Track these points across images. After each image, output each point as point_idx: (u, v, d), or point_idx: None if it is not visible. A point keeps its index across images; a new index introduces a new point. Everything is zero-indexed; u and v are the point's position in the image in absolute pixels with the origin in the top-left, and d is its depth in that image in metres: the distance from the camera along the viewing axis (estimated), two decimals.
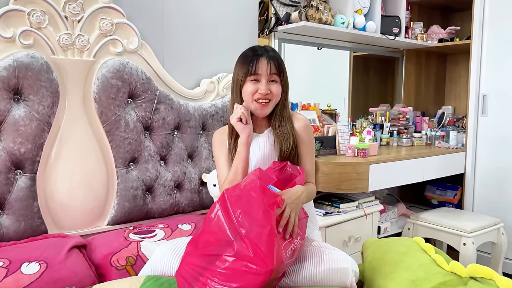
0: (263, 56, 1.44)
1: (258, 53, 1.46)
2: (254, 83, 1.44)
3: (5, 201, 1.52)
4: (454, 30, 3.35)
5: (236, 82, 1.49)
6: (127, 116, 1.76)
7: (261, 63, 1.43)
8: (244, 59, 1.48)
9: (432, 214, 2.79)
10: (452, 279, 1.30)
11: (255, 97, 1.45)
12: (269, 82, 1.45)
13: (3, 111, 1.49)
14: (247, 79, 1.45)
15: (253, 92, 1.44)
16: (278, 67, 1.45)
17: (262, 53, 1.46)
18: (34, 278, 1.27)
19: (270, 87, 1.45)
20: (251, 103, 1.46)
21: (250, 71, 1.43)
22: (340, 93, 3.25)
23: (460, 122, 3.34)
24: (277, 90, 1.46)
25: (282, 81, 1.48)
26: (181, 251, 1.31)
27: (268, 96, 1.44)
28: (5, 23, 1.50)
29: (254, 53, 1.46)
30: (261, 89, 1.43)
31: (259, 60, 1.44)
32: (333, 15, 2.60)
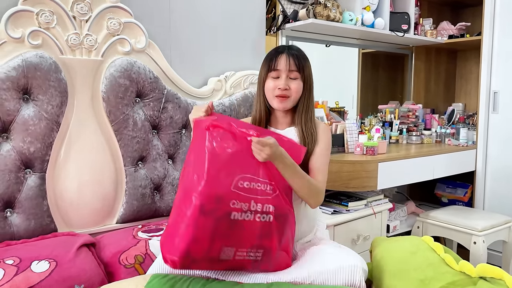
0: (283, 53, 1.47)
1: (279, 50, 1.50)
2: (275, 80, 1.47)
3: (15, 200, 1.54)
4: (465, 26, 3.32)
5: (259, 80, 1.54)
6: (135, 115, 1.77)
7: (280, 59, 1.47)
8: (266, 57, 1.52)
9: (442, 213, 2.77)
10: (461, 278, 1.29)
11: (275, 93, 1.47)
12: (289, 78, 1.47)
13: (13, 110, 1.51)
14: (268, 75, 1.49)
15: (274, 88, 1.47)
16: (298, 64, 1.47)
17: (283, 50, 1.49)
18: (44, 276, 1.28)
19: (289, 83, 1.46)
20: (273, 99, 1.49)
21: (270, 67, 1.48)
22: (349, 90, 3.23)
23: (471, 119, 3.30)
24: (296, 86, 1.47)
25: (303, 78, 1.49)
26: None
27: (286, 92, 1.46)
28: (14, 24, 1.51)
29: (276, 51, 1.51)
30: (280, 84, 1.46)
31: (279, 56, 1.47)
32: (341, 12, 2.59)
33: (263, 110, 1.54)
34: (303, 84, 1.49)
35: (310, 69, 1.52)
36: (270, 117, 1.57)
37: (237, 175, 1.21)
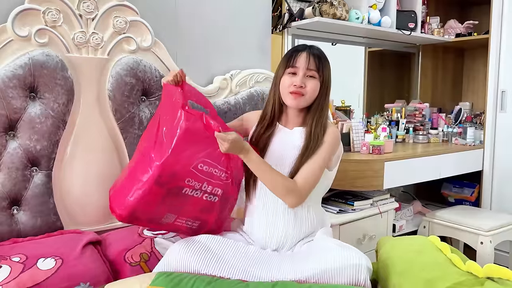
0: (304, 51, 1.47)
1: (299, 48, 1.49)
2: (291, 76, 1.47)
3: (21, 198, 1.54)
4: (472, 24, 3.29)
5: (276, 77, 1.53)
6: (141, 113, 1.77)
7: (300, 57, 1.46)
8: (286, 54, 1.52)
9: (449, 212, 2.75)
10: (468, 279, 1.27)
11: (290, 89, 1.46)
12: (307, 77, 1.46)
13: (20, 108, 1.51)
14: (285, 71, 1.48)
15: (289, 85, 1.46)
16: (318, 63, 1.46)
17: (303, 48, 1.48)
18: (49, 274, 1.29)
19: (306, 82, 1.45)
20: (286, 96, 1.48)
21: (288, 64, 1.47)
22: (355, 89, 3.22)
23: (478, 119, 3.28)
24: (312, 85, 1.46)
25: (321, 79, 1.48)
26: (195, 248, 1.32)
27: (301, 90, 1.45)
28: (21, 22, 1.52)
29: (296, 48, 1.50)
30: (296, 81, 1.45)
31: (298, 54, 1.46)
32: (348, 10, 2.58)
33: (276, 106, 1.54)
34: (320, 84, 1.48)
35: (329, 71, 1.51)
36: (282, 115, 1.57)
37: (200, 158, 1.33)
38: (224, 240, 1.38)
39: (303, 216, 1.50)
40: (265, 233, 1.49)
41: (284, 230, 1.47)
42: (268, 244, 1.48)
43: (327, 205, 2.29)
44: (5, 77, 1.47)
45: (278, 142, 1.52)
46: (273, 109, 1.54)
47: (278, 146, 1.51)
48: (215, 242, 1.37)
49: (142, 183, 1.30)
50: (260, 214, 1.50)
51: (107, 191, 1.71)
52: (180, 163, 1.31)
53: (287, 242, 1.48)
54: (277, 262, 1.35)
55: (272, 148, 1.51)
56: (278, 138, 1.53)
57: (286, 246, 1.48)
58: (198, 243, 1.34)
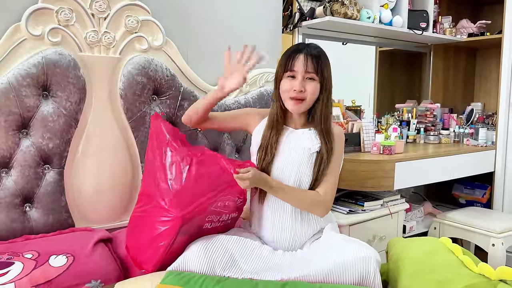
0: (302, 53, 1.42)
1: (298, 48, 1.44)
2: (290, 80, 1.44)
3: (34, 195, 1.56)
4: (485, 24, 3.25)
5: (276, 78, 1.51)
6: (152, 112, 1.78)
7: (298, 60, 1.42)
8: (284, 55, 1.48)
9: (460, 214, 2.72)
10: (481, 281, 1.26)
11: (290, 94, 1.44)
12: (306, 79, 1.42)
13: (33, 107, 1.53)
14: (284, 75, 1.45)
15: (289, 89, 1.44)
16: (316, 65, 1.42)
17: (301, 49, 1.43)
18: (61, 271, 1.30)
19: (305, 85, 1.42)
20: (287, 101, 1.46)
21: (286, 67, 1.43)
22: (365, 89, 3.20)
23: (490, 119, 3.24)
24: (312, 88, 1.43)
25: (321, 79, 1.44)
26: (213, 248, 1.32)
27: (301, 94, 1.42)
28: (35, 21, 1.53)
29: (294, 49, 1.45)
30: (295, 86, 1.42)
31: (296, 56, 1.42)
32: (359, 10, 2.56)
33: (279, 112, 1.51)
34: (320, 85, 1.45)
35: (329, 69, 1.47)
36: (286, 115, 1.55)
37: (219, 197, 1.38)
38: (241, 241, 1.38)
39: (310, 216, 1.50)
40: (273, 235, 1.49)
41: (292, 232, 1.48)
42: (278, 245, 1.48)
43: (337, 205, 2.28)
44: (19, 76, 1.49)
45: (288, 144, 1.51)
46: (277, 114, 1.51)
47: (288, 148, 1.51)
48: (233, 243, 1.36)
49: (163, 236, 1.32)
50: (268, 216, 1.50)
51: (118, 190, 1.73)
52: (200, 208, 1.34)
53: (296, 242, 1.48)
54: (288, 262, 1.36)
55: (283, 150, 1.51)
56: (288, 140, 1.52)
57: (295, 246, 1.48)
58: (216, 244, 1.33)
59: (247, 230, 1.57)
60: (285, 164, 1.48)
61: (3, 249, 1.38)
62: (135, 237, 1.44)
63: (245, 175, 1.34)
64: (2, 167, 1.51)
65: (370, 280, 1.24)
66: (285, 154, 1.49)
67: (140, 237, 1.40)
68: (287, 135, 1.53)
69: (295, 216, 1.48)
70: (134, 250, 1.42)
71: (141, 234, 1.40)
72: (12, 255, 1.33)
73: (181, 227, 1.30)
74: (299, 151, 1.49)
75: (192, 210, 1.31)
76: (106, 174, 1.70)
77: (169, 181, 1.36)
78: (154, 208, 1.36)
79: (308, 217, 1.50)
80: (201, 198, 1.34)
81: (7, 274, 1.24)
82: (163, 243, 1.32)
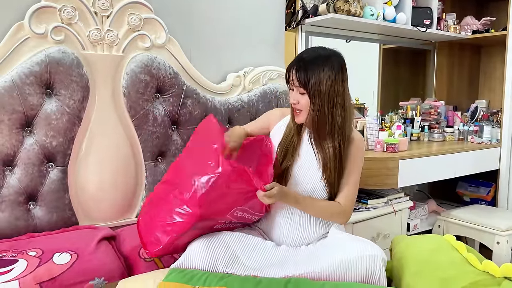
0: (293, 67, 1.42)
1: (293, 61, 1.45)
2: (291, 92, 1.47)
3: (38, 193, 1.56)
4: (489, 21, 3.23)
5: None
6: (155, 110, 1.78)
7: (291, 73, 1.43)
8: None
9: (464, 211, 2.71)
10: (485, 278, 1.25)
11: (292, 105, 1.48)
12: (299, 93, 1.43)
13: (36, 105, 1.53)
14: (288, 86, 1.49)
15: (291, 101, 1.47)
16: (300, 78, 1.39)
17: (294, 63, 1.43)
18: (65, 268, 1.30)
19: (299, 98, 1.44)
20: (292, 111, 1.50)
21: (286, 79, 1.47)
22: (369, 87, 3.19)
23: (495, 117, 3.22)
24: (304, 102, 1.42)
25: (309, 92, 1.39)
26: (214, 245, 1.31)
27: (297, 106, 1.45)
28: (38, 20, 1.54)
29: (291, 62, 1.46)
30: (290, 99, 1.47)
31: (291, 70, 1.44)
32: (362, 7, 2.55)
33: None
34: (309, 98, 1.40)
35: (318, 81, 1.38)
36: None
37: (238, 208, 1.37)
38: (242, 237, 1.38)
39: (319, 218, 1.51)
40: (281, 233, 1.49)
41: (299, 233, 1.48)
42: (284, 243, 1.48)
43: None
44: (22, 74, 1.50)
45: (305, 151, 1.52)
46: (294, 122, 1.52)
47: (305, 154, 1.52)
48: (235, 239, 1.36)
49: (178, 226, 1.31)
50: (276, 214, 1.50)
51: (122, 187, 1.73)
52: (218, 211, 1.34)
53: (303, 240, 1.48)
54: (293, 258, 1.36)
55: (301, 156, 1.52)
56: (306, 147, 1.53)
57: (302, 244, 1.48)
58: (218, 242, 1.33)
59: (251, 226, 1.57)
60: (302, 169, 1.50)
61: (7, 246, 1.39)
62: (150, 216, 1.43)
63: (270, 193, 1.32)
64: (6, 165, 1.51)
65: (375, 278, 1.24)
66: (301, 160, 1.51)
67: (154, 219, 1.39)
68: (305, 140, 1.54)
69: (304, 215, 1.48)
70: (145, 228, 1.43)
71: (156, 217, 1.39)
72: (16, 253, 1.34)
73: (196, 223, 1.30)
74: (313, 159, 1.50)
75: (211, 212, 1.32)
76: (109, 172, 1.71)
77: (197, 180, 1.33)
78: (176, 197, 1.35)
79: (318, 218, 1.50)
80: (223, 205, 1.34)
81: (11, 272, 1.24)
82: (173, 233, 1.31)
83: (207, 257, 1.28)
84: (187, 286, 1.19)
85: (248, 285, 1.19)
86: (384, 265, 1.28)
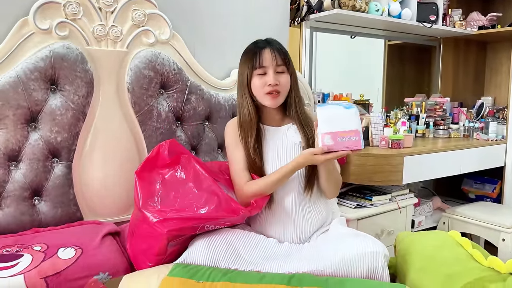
0: (266, 48, 1.42)
1: (260, 45, 1.44)
2: (262, 77, 1.43)
3: (43, 188, 1.57)
4: (496, 16, 3.20)
5: (243, 80, 1.47)
6: (159, 106, 1.78)
7: (265, 55, 1.42)
8: (247, 54, 1.47)
9: (469, 208, 2.70)
10: (490, 274, 1.25)
11: (265, 90, 1.43)
12: (276, 73, 1.43)
13: (41, 101, 1.54)
14: (253, 73, 1.44)
15: (263, 86, 1.43)
16: (284, 57, 1.43)
17: (264, 45, 1.44)
18: (70, 263, 1.31)
19: (279, 78, 1.43)
20: (263, 97, 1.45)
21: (255, 65, 1.42)
22: (374, 83, 3.17)
23: (501, 113, 3.20)
24: (285, 80, 1.44)
25: (290, 70, 1.46)
26: (216, 243, 1.31)
27: (277, 87, 1.43)
28: (42, 15, 1.54)
29: (256, 46, 1.45)
30: (270, 81, 1.41)
31: (262, 52, 1.42)
32: (367, 2, 2.54)
33: (252, 110, 1.48)
34: (290, 76, 1.46)
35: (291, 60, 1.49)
36: (261, 116, 1.53)
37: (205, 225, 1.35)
38: (245, 234, 1.38)
39: (312, 211, 1.50)
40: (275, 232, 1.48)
41: (295, 228, 1.47)
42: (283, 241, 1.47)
43: (345, 200, 2.27)
44: (27, 70, 1.50)
45: (274, 144, 1.50)
46: (250, 115, 1.48)
47: (276, 147, 1.50)
48: (236, 236, 1.36)
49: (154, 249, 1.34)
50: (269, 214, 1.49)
51: (126, 183, 1.73)
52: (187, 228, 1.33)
53: (300, 237, 1.48)
54: (296, 254, 1.36)
55: (271, 151, 1.49)
56: (272, 140, 1.51)
57: (300, 241, 1.47)
58: (219, 238, 1.33)
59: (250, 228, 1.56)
60: (279, 161, 1.47)
61: (12, 241, 1.40)
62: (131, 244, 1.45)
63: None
64: (11, 160, 1.52)
65: (378, 275, 1.23)
66: (277, 152, 1.49)
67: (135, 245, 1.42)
68: (270, 134, 1.51)
69: (296, 210, 1.47)
70: (132, 254, 1.44)
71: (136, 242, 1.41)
72: (21, 247, 1.34)
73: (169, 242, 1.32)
74: (289, 147, 1.49)
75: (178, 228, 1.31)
76: (114, 168, 1.71)
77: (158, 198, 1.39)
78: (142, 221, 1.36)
79: (310, 210, 1.49)
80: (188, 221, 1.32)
81: (16, 266, 1.25)
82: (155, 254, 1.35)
83: (209, 254, 1.29)
84: (191, 281, 1.19)
85: (251, 280, 1.19)
86: (387, 261, 1.27)
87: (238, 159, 1.48)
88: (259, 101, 1.47)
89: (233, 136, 1.52)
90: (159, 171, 1.46)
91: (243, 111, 1.49)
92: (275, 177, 1.40)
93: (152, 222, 1.30)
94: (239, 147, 1.49)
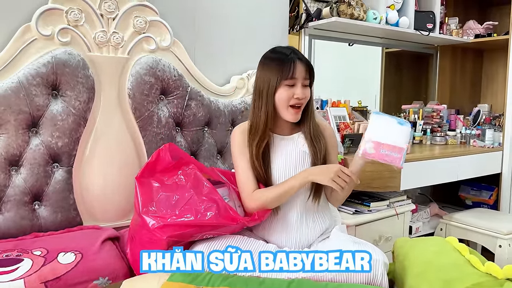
0: (299, 60, 1.40)
1: (289, 55, 1.40)
2: (289, 88, 1.39)
3: (43, 193, 1.58)
4: (492, 25, 3.24)
5: (268, 88, 1.41)
6: (160, 112, 1.79)
7: (298, 67, 1.38)
8: (275, 62, 1.41)
9: (466, 215, 2.71)
10: (488, 280, 1.26)
11: (291, 102, 1.41)
12: (302, 86, 1.41)
13: (42, 106, 1.55)
14: (281, 83, 1.39)
15: (289, 97, 1.40)
16: (311, 70, 1.43)
17: (294, 56, 1.40)
18: (70, 268, 1.31)
19: (305, 92, 1.42)
20: (285, 110, 1.42)
21: (287, 75, 1.38)
22: (372, 90, 3.20)
23: (497, 121, 3.22)
24: (308, 94, 1.44)
25: (311, 84, 1.46)
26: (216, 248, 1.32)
27: (302, 101, 1.42)
28: (45, 21, 1.55)
29: (285, 55, 1.40)
30: (298, 94, 1.39)
31: (295, 63, 1.38)
32: (365, 11, 2.57)
33: (270, 119, 1.44)
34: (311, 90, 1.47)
35: None
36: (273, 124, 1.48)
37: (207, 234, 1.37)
38: (244, 240, 1.39)
39: (316, 217, 1.51)
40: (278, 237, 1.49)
41: (298, 234, 1.48)
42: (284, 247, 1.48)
43: (343, 206, 2.28)
44: (29, 75, 1.51)
45: (283, 151, 1.49)
46: (266, 122, 1.43)
47: (286, 155, 1.49)
48: (236, 242, 1.37)
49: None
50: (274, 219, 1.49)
51: (126, 189, 1.74)
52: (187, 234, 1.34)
53: (302, 243, 1.48)
54: None
55: (280, 158, 1.49)
56: (281, 147, 1.50)
57: (302, 247, 1.48)
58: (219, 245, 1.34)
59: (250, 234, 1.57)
60: (287, 169, 1.48)
61: (12, 246, 1.40)
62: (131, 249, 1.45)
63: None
64: (12, 165, 1.53)
65: (377, 282, 1.24)
66: (286, 160, 1.49)
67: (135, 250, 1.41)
68: (278, 142, 1.50)
69: (301, 218, 1.48)
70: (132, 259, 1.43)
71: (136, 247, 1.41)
72: (21, 252, 1.35)
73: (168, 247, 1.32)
74: (299, 155, 1.49)
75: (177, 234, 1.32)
76: (114, 173, 1.72)
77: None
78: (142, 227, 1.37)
79: (314, 219, 1.50)
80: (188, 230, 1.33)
81: (16, 271, 1.25)
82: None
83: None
84: (191, 286, 1.20)
85: (251, 285, 1.19)
86: (386, 269, 1.28)
87: (245, 167, 1.46)
88: (280, 111, 1.43)
89: (241, 143, 1.49)
90: (159, 176, 1.47)
91: (258, 119, 1.45)
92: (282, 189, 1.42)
93: (151, 228, 1.31)
94: (246, 155, 1.47)
